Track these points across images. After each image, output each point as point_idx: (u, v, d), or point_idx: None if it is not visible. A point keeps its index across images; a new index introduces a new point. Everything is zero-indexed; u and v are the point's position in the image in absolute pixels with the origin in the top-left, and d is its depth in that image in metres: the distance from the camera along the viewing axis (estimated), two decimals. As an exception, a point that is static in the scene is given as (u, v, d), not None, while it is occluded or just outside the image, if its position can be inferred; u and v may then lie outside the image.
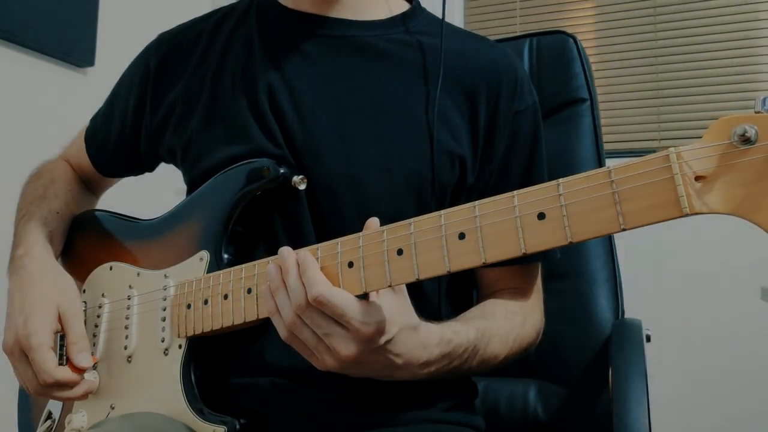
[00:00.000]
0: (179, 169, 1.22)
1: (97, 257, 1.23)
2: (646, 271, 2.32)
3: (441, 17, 1.15)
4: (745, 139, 0.63)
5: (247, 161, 1.06)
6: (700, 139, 0.67)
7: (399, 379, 0.93)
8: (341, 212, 1.05)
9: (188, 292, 1.06)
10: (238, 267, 1.00)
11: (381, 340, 0.84)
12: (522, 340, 1.09)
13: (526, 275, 1.15)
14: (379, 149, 1.06)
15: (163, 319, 1.09)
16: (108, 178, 1.41)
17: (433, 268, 0.80)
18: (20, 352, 1.09)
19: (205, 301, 1.03)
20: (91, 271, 1.23)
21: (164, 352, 1.07)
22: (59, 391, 1.09)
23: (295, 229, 1.06)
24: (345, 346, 0.83)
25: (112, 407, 1.12)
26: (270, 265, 0.89)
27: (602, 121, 1.59)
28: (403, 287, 0.89)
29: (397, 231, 0.83)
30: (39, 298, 1.12)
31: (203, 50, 1.21)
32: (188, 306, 1.05)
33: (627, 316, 1.44)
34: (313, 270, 0.84)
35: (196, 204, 1.12)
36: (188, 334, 1.05)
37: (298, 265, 0.86)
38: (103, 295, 1.19)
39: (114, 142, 1.31)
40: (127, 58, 1.33)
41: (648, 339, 1.32)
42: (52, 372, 1.06)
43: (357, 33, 1.14)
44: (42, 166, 1.40)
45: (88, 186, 1.42)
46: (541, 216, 0.73)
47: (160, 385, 1.06)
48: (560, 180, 0.73)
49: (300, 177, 1.03)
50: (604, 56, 2.68)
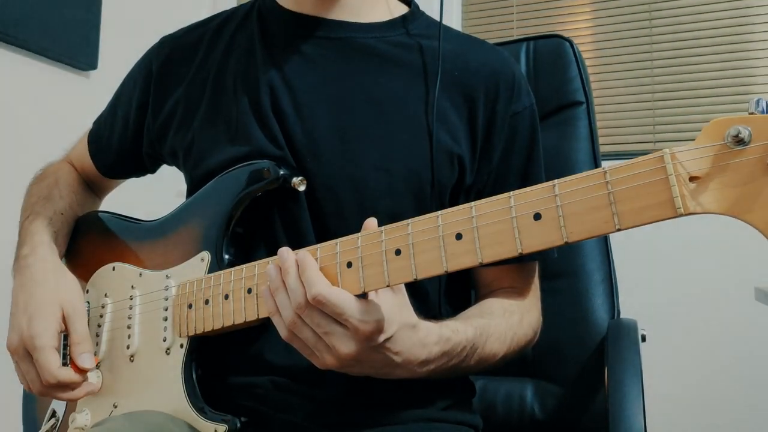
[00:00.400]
0: (181, 171, 1.22)
1: (100, 258, 1.23)
2: (641, 271, 2.32)
3: (439, 20, 1.15)
4: (738, 140, 0.63)
5: (248, 163, 1.06)
6: (694, 140, 0.67)
7: (399, 377, 0.93)
8: (341, 212, 1.05)
9: (189, 292, 1.06)
10: (238, 267, 1.00)
11: (380, 338, 0.84)
12: (520, 338, 1.08)
13: (523, 274, 1.15)
14: (379, 149, 1.06)
15: (164, 318, 1.08)
16: (110, 179, 1.41)
17: (430, 268, 0.80)
18: (24, 352, 1.09)
19: (206, 301, 1.03)
20: (94, 271, 1.23)
21: (166, 352, 1.07)
22: (61, 391, 1.09)
23: (295, 229, 1.06)
24: (344, 345, 0.83)
25: (115, 406, 1.12)
26: (270, 265, 0.89)
27: (598, 124, 1.59)
28: (402, 287, 0.89)
29: (395, 231, 0.83)
30: (43, 299, 1.12)
31: (205, 53, 1.21)
32: (189, 306, 1.05)
33: (623, 316, 1.44)
34: (312, 270, 0.84)
35: (198, 205, 1.12)
36: (189, 334, 1.05)
37: (297, 265, 0.86)
38: (105, 295, 1.19)
39: (116, 145, 1.31)
40: (130, 61, 1.33)
41: (643, 339, 1.32)
42: (55, 373, 1.06)
43: (357, 35, 1.14)
44: (46, 167, 1.40)
45: (92, 188, 1.42)
46: (537, 216, 0.73)
47: (162, 384, 1.06)
48: (556, 181, 0.73)
49: (300, 178, 1.03)
50: (600, 60, 2.68)
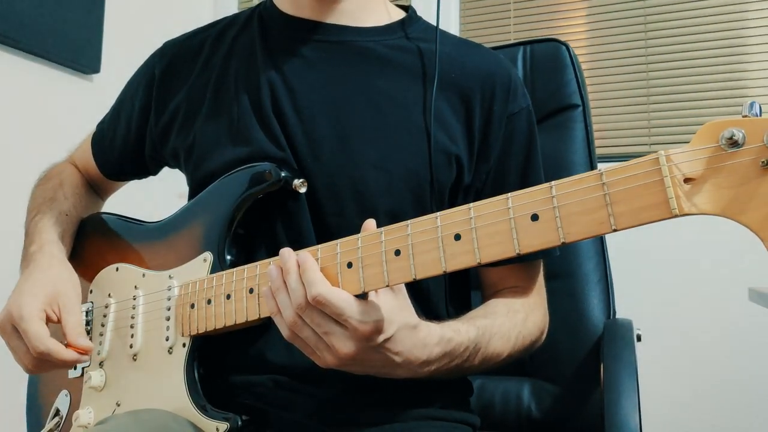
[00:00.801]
0: (182, 172, 1.22)
1: (104, 258, 1.23)
2: (636, 272, 2.31)
3: (436, 24, 1.16)
4: (732, 143, 0.63)
5: (249, 165, 1.06)
6: (689, 142, 0.67)
7: (400, 377, 0.93)
8: (342, 212, 1.05)
9: (192, 292, 1.06)
10: (240, 268, 1.00)
11: (379, 338, 0.84)
12: (525, 337, 1.08)
13: (527, 274, 1.14)
14: (378, 149, 1.06)
15: (167, 318, 1.08)
16: (113, 181, 1.41)
17: (429, 268, 0.80)
18: (11, 328, 1.09)
19: (209, 301, 1.03)
20: (98, 272, 1.23)
21: (168, 351, 1.07)
22: (53, 362, 1.08)
23: (296, 230, 1.06)
24: (344, 345, 0.83)
25: (118, 404, 1.12)
26: (271, 266, 0.89)
27: (594, 126, 1.58)
28: (403, 287, 0.89)
29: (394, 232, 0.83)
30: (36, 281, 1.12)
31: (207, 57, 1.21)
32: (192, 306, 1.05)
33: (618, 316, 1.44)
34: (313, 270, 0.84)
35: (200, 207, 1.12)
36: (192, 333, 1.05)
37: (298, 265, 0.86)
38: (109, 295, 1.19)
39: (119, 147, 1.32)
40: (132, 65, 1.33)
41: (639, 338, 1.32)
42: (43, 339, 1.05)
43: (356, 38, 1.15)
44: (50, 169, 1.40)
45: (95, 189, 1.42)
46: (535, 217, 0.74)
47: (165, 383, 1.06)
48: (553, 182, 0.73)
49: (301, 180, 1.04)
50: (595, 63, 2.68)
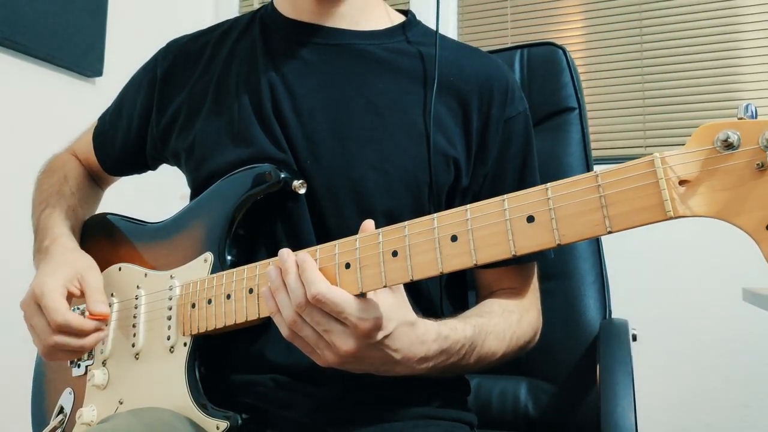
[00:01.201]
0: (183, 172, 1.22)
1: (107, 258, 1.23)
2: (632, 272, 2.31)
3: (435, 28, 1.15)
4: (727, 145, 0.62)
5: (250, 166, 1.06)
6: (684, 144, 0.66)
7: (398, 374, 0.92)
8: (341, 212, 1.05)
9: (193, 292, 1.06)
10: (240, 268, 1.00)
11: (378, 335, 0.84)
12: (519, 337, 1.08)
13: (521, 275, 1.14)
14: (377, 151, 1.06)
15: (168, 318, 1.08)
16: (113, 176, 1.41)
17: (426, 269, 0.80)
18: (35, 306, 1.08)
19: (209, 301, 1.02)
20: (101, 272, 1.22)
21: (170, 350, 1.07)
22: (71, 339, 1.07)
23: (296, 231, 1.06)
24: (344, 342, 0.83)
25: (121, 402, 1.12)
26: (270, 266, 0.89)
27: (590, 129, 1.58)
28: (401, 286, 0.88)
29: (391, 233, 0.83)
30: (59, 264, 1.12)
31: (208, 59, 1.21)
32: (193, 305, 1.05)
33: (614, 316, 1.44)
34: (312, 270, 0.84)
35: (201, 208, 1.12)
36: (193, 333, 1.04)
37: (297, 265, 0.86)
38: (112, 295, 1.19)
39: (120, 144, 1.32)
40: (134, 68, 1.33)
41: (634, 338, 1.31)
42: (63, 312, 1.05)
43: (355, 41, 1.14)
44: (54, 160, 1.41)
45: (96, 180, 1.42)
46: (531, 219, 0.73)
47: (166, 382, 1.06)
48: (549, 184, 0.73)
49: (300, 181, 1.04)
50: (592, 67, 2.68)
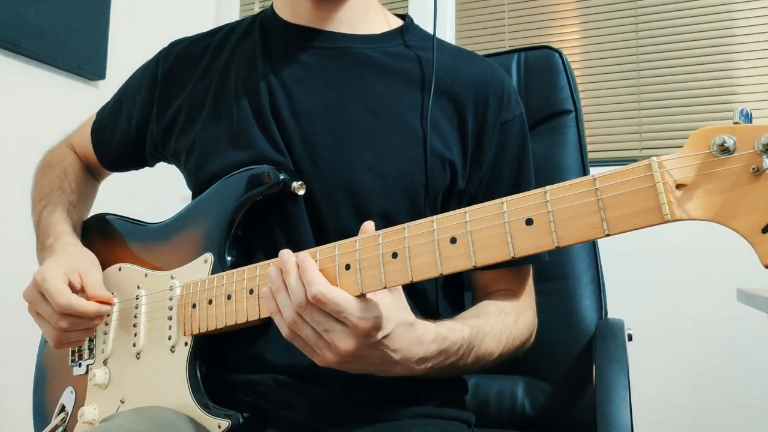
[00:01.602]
0: (182, 173, 1.22)
1: (107, 259, 1.23)
2: (628, 273, 2.31)
3: (432, 33, 1.16)
4: (723, 149, 0.62)
5: (249, 168, 1.06)
6: (681, 148, 0.66)
7: (397, 375, 0.92)
8: (338, 214, 1.05)
9: (193, 293, 1.06)
10: (240, 269, 1.00)
11: (378, 335, 0.84)
12: (515, 337, 1.08)
13: (517, 277, 1.15)
14: (374, 153, 1.06)
15: (169, 318, 1.08)
16: (111, 171, 1.41)
17: (426, 270, 0.80)
18: (38, 294, 1.08)
19: (210, 301, 1.02)
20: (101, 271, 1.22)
21: (171, 350, 1.07)
22: (77, 321, 1.08)
23: (294, 232, 1.06)
24: (344, 341, 0.83)
25: (122, 401, 1.12)
26: (271, 267, 0.89)
27: (586, 132, 1.59)
28: (399, 287, 0.88)
29: (391, 235, 0.83)
30: (60, 258, 1.13)
31: (209, 61, 1.21)
32: (193, 306, 1.05)
33: (610, 316, 1.44)
34: (313, 270, 0.84)
35: (201, 209, 1.12)
36: (193, 333, 1.04)
37: (298, 266, 0.85)
38: (113, 294, 1.18)
39: (118, 141, 1.32)
40: (137, 72, 1.33)
41: (630, 338, 1.32)
42: (65, 294, 1.05)
43: (353, 45, 1.15)
44: (51, 155, 1.41)
45: (92, 173, 1.42)
46: (529, 222, 0.73)
47: (168, 381, 1.06)
48: (547, 187, 0.73)
49: (299, 183, 1.03)
50: (588, 70, 2.68)
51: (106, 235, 1.27)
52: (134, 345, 1.12)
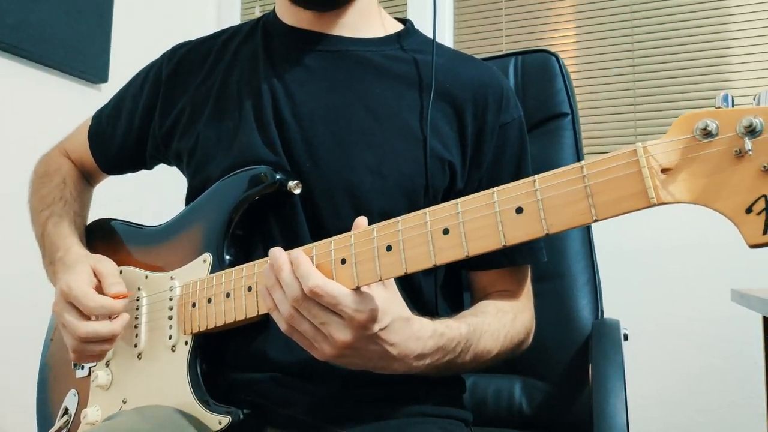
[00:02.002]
0: (183, 174, 1.23)
1: (108, 262, 1.23)
2: (624, 273, 2.31)
3: (432, 36, 1.16)
4: (706, 133, 0.63)
5: (246, 168, 1.07)
6: (665, 134, 0.67)
7: (396, 371, 0.92)
8: (338, 214, 1.05)
9: (193, 292, 1.06)
10: (238, 267, 1.00)
11: (374, 327, 0.84)
12: (513, 337, 1.08)
13: (516, 278, 1.15)
14: (374, 155, 1.07)
15: (170, 317, 1.09)
16: (109, 174, 1.41)
17: (420, 262, 0.80)
18: (65, 303, 1.08)
19: (209, 300, 1.03)
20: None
21: (172, 349, 1.08)
22: (100, 324, 1.07)
23: (292, 231, 1.06)
24: (341, 333, 0.83)
25: (124, 401, 1.13)
26: (266, 266, 0.89)
27: (582, 134, 1.59)
28: (393, 283, 0.89)
29: (385, 229, 0.84)
30: (76, 267, 1.12)
31: (211, 64, 1.22)
32: (193, 305, 1.05)
33: (606, 316, 1.44)
34: (306, 265, 0.84)
35: (199, 210, 1.13)
36: (194, 331, 1.05)
37: (290, 262, 0.86)
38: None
39: (119, 143, 1.32)
40: (140, 75, 1.34)
41: (626, 338, 1.32)
42: (93, 296, 1.05)
43: (354, 48, 1.15)
44: (47, 163, 1.40)
45: (88, 180, 1.42)
46: (519, 210, 0.74)
47: (169, 380, 1.07)
48: (536, 176, 0.73)
49: (295, 182, 1.04)
50: (584, 73, 2.69)
51: (107, 239, 1.27)
52: (135, 346, 1.13)
